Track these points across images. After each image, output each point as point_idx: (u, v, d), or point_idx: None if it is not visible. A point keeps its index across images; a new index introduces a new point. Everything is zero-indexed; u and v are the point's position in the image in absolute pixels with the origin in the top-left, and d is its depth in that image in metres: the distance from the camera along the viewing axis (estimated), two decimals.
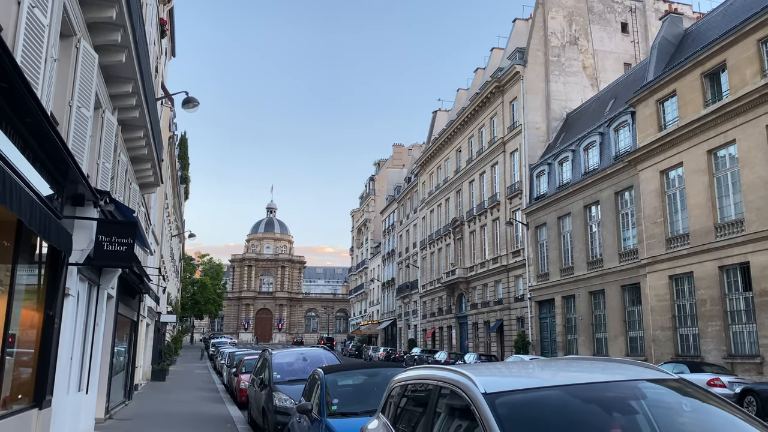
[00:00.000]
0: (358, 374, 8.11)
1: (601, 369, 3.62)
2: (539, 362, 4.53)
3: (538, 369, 3.96)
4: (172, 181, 35.55)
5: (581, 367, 3.79)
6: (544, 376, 3.66)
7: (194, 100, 17.89)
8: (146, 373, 26.11)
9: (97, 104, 10.21)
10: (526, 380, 3.49)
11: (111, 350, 12.84)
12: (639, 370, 3.46)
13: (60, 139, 6.61)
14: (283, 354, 12.83)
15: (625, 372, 3.41)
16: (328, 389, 7.31)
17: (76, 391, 10.01)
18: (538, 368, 3.99)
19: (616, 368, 3.54)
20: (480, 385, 3.16)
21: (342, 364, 10.14)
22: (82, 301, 10.05)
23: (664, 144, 26.01)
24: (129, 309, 16.12)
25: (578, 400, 3.08)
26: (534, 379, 3.54)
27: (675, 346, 25.04)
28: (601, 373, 3.47)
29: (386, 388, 4.77)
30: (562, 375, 3.56)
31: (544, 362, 4.47)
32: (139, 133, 13.30)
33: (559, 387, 3.22)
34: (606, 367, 3.65)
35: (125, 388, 16.65)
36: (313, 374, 8.32)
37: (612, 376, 3.36)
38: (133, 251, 8.41)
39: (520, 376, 3.70)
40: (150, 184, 17.32)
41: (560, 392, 3.15)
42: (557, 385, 3.27)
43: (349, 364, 9.87)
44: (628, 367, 3.52)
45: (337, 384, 7.60)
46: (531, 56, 40.86)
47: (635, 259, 27.86)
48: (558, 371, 3.73)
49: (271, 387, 11.22)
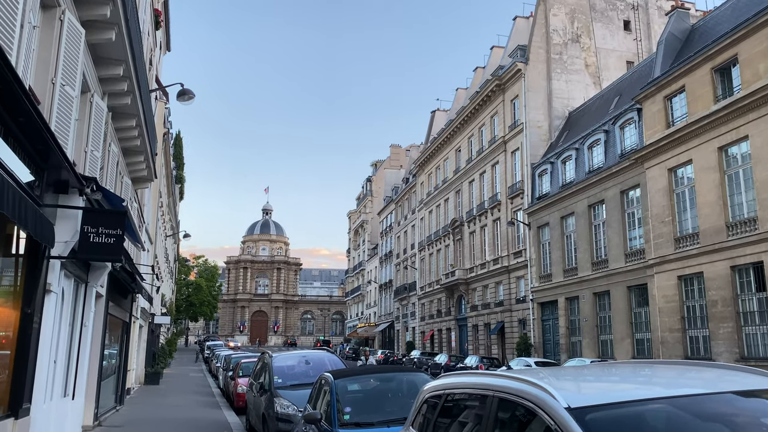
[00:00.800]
0: (371, 379, 7.30)
1: (713, 375, 2.82)
2: (617, 366, 3.71)
3: (627, 374, 3.16)
4: (167, 180, 34.75)
5: (682, 372, 3.01)
6: (639, 384, 2.88)
7: (189, 92, 17.15)
8: (139, 376, 25.29)
9: (84, 87, 9.46)
10: (622, 390, 2.70)
11: (100, 353, 12.06)
12: (761, 379, 2.68)
13: (38, 113, 5.85)
14: (284, 357, 12.05)
15: (745, 380, 2.64)
16: (339, 396, 6.55)
17: (61, 396, 9.22)
18: (624, 373, 3.19)
19: (728, 375, 2.77)
20: (561, 397, 2.43)
21: (352, 368, 9.30)
22: (67, 299, 9.28)
23: (673, 141, 25.35)
24: (120, 309, 15.32)
25: (697, 418, 2.33)
26: (631, 388, 2.76)
27: (684, 348, 24.36)
28: (716, 381, 2.70)
29: (417, 398, 4.01)
30: (663, 383, 2.79)
31: (623, 366, 3.67)
32: (131, 122, 12.54)
33: (666, 399, 2.45)
34: (720, 374, 2.84)
35: (116, 393, 15.84)
36: (320, 379, 7.56)
37: (731, 384, 2.60)
38: (123, 244, 7.65)
39: (612, 385, 2.91)
40: (143, 179, 16.54)
41: (669, 407, 2.40)
42: (664, 396, 2.49)
43: (361, 368, 9.03)
44: (744, 375, 2.75)
45: (348, 390, 6.84)
46: (533, 54, 40.23)
47: (642, 260, 27.19)
48: (654, 377, 2.95)
49: (271, 392, 10.46)
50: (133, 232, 9.65)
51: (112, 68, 10.21)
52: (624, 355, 27.65)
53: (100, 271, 10.49)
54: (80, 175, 7.49)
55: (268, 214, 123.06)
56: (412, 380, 7.02)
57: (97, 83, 10.19)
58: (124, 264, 12.67)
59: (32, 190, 6.65)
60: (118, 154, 13.17)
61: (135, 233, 9.45)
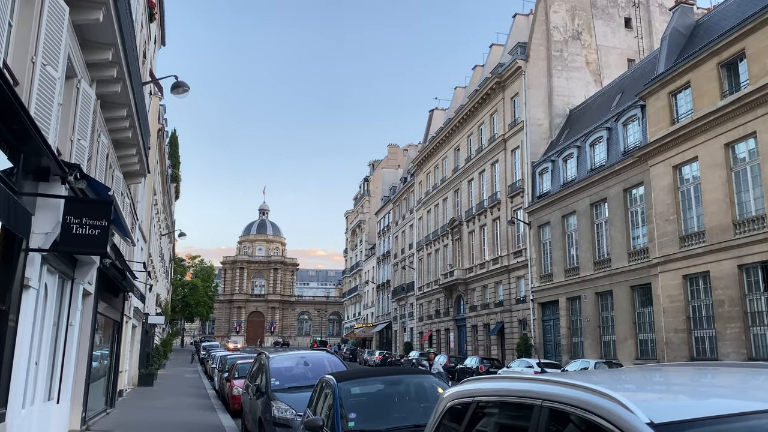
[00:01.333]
0: (377, 382, 6.70)
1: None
2: (678, 369, 3.11)
3: (706, 380, 2.60)
4: (161, 178, 34.16)
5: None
6: (731, 393, 2.32)
7: (184, 84, 16.57)
8: (132, 377, 24.69)
9: (70, 72, 8.90)
10: (716, 401, 2.14)
11: (89, 353, 11.49)
12: None
13: (13, 92, 5.30)
14: (282, 358, 11.49)
15: None
16: (342, 400, 5.99)
17: (44, 400, 8.66)
18: (703, 379, 2.62)
19: None
20: (640, 411, 1.90)
21: (355, 369, 8.61)
22: (51, 296, 8.72)
23: (678, 138, 24.87)
24: (111, 308, 14.74)
25: None
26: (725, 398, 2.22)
27: (690, 349, 23.86)
28: None
29: (437, 405, 3.47)
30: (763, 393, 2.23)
31: (686, 369, 3.09)
32: (121, 111, 11.97)
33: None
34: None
35: (107, 395, 15.25)
36: (321, 382, 7.01)
37: None
38: (109, 235, 7.10)
39: (698, 394, 2.35)
40: (135, 174, 15.97)
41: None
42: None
43: (364, 370, 8.41)
44: None
45: (352, 394, 6.29)
46: (533, 51, 39.74)
47: (646, 259, 26.70)
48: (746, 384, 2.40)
49: (268, 395, 9.90)
50: (121, 225, 9.10)
51: (100, 52, 9.65)
52: (627, 356, 27.16)
53: (88, 267, 9.93)
54: (62, 161, 6.94)
55: (265, 215, 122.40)
56: (421, 383, 6.49)
57: (85, 68, 9.63)
58: (114, 260, 12.11)
59: (8, 177, 6.10)
60: (108, 145, 12.59)
61: (123, 226, 8.89)
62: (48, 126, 7.22)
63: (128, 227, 9.63)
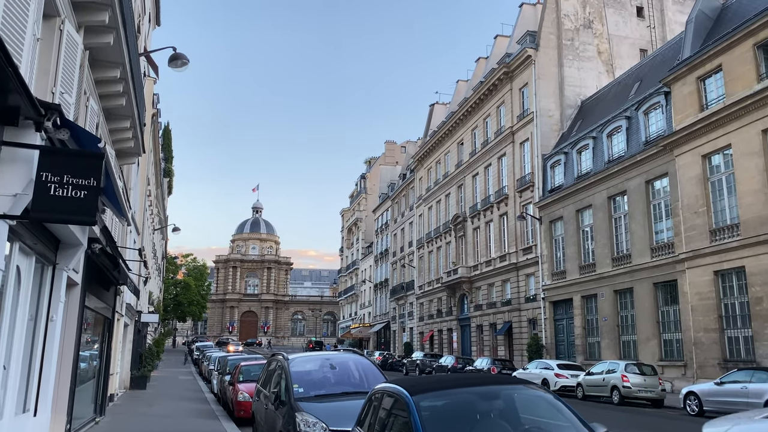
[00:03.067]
0: (465, 395, 4.92)
1: None
2: None
3: None
4: (155, 168, 32.32)
5: None
6: None
7: (183, 56, 14.84)
8: (124, 380, 22.89)
9: (50, 7, 7.18)
10: None
11: (75, 354, 9.75)
12: None
13: None
14: (304, 359, 9.77)
15: None
16: (425, 422, 4.26)
17: (16, 413, 6.95)
18: None
19: None
20: None
21: (430, 377, 6.49)
22: (27, 284, 7.00)
23: (708, 125, 23.40)
24: (101, 303, 12.97)
25: None
26: None
27: (722, 350, 22.36)
28: None
29: None
30: None
31: None
32: (114, 72, 10.23)
33: None
34: None
35: (96, 401, 13.47)
36: (381, 395, 5.29)
37: None
38: (98, 199, 5.42)
39: None
40: (129, 152, 14.20)
41: None
42: None
43: (440, 379, 6.27)
44: None
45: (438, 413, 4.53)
46: (543, 39, 38.21)
47: (671, 254, 25.20)
48: None
49: (291, 405, 8.22)
50: (114, 198, 7.37)
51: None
52: (650, 357, 25.62)
53: (73, 249, 8.21)
54: (39, 100, 5.23)
55: (259, 213, 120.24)
56: (530, 398, 4.78)
57: (70, 7, 7.90)
58: (105, 246, 10.39)
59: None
60: (99, 113, 10.85)
61: (117, 199, 7.16)
62: (20, 56, 5.52)
63: (123, 203, 7.90)
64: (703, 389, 17.52)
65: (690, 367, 23.75)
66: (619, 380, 20.65)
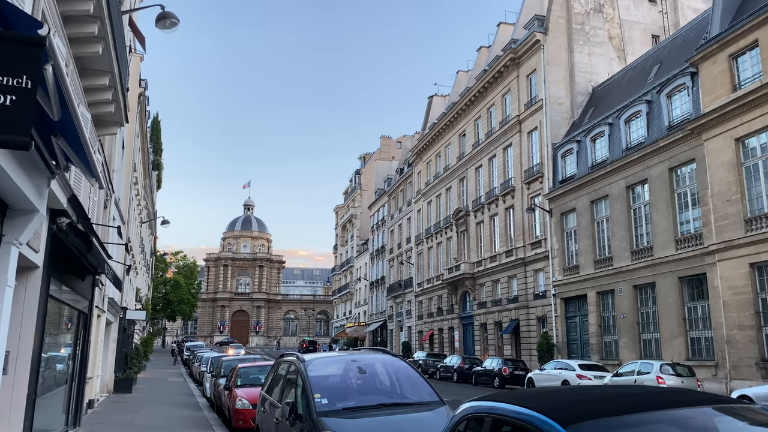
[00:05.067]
0: (661, 422, 3.03)
1: None
2: None
3: None
4: (142, 156, 30.22)
5: None
6: None
7: (172, 15, 12.94)
8: (107, 384, 20.84)
9: None
10: None
11: (34, 355, 7.75)
12: None
13: None
14: (324, 361, 7.80)
15: None
16: None
17: None
18: None
19: None
20: None
21: (587, 394, 3.77)
22: None
23: (742, 106, 21.65)
24: (75, 295, 10.96)
25: None
26: None
27: (760, 349, 20.61)
28: None
29: None
30: None
31: None
32: (86, 5, 8.25)
33: None
34: None
35: (68, 411, 11.43)
36: (500, 415, 3.29)
37: None
38: (33, 110, 3.45)
39: None
40: (108, 121, 12.16)
41: None
42: None
43: (602, 394, 3.95)
44: None
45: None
46: (552, 23, 36.41)
47: (699, 246, 23.45)
48: None
49: (312, 420, 6.31)
50: (78, 143, 5.36)
51: None
52: (676, 357, 23.85)
53: (26, 217, 6.24)
54: None
55: (250, 210, 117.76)
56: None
57: None
58: (75, 221, 8.38)
59: None
60: (69, 59, 8.84)
61: (82, 145, 5.20)
62: None
63: (90, 149, 5.91)
64: (758, 393, 15.74)
65: (722, 368, 22.00)
66: (654, 382, 18.86)
